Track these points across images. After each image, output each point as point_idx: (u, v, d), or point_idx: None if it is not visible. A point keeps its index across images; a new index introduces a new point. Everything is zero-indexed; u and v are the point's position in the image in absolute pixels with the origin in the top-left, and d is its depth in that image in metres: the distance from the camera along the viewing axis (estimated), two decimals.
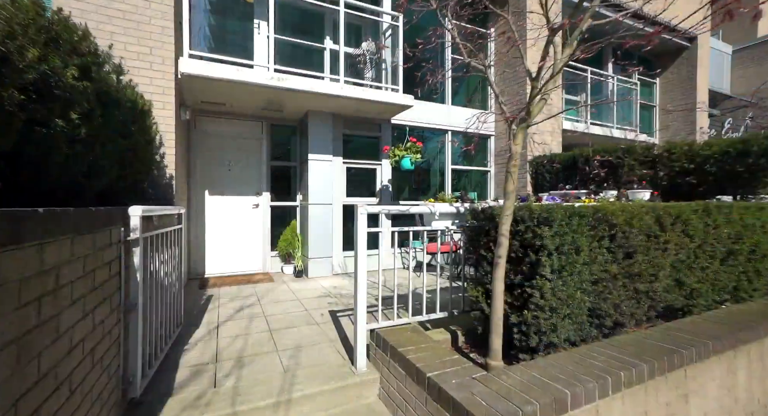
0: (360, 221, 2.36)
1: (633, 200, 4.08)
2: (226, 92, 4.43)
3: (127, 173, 2.41)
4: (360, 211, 2.35)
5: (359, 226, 2.36)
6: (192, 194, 5.15)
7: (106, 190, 2.25)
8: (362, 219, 2.36)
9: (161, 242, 2.37)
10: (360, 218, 2.35)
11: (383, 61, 5.60)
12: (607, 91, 8.33)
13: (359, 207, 2.35)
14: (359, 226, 2.36)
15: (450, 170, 6.66)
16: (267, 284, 4.90)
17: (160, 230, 2.30)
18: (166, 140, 3.66)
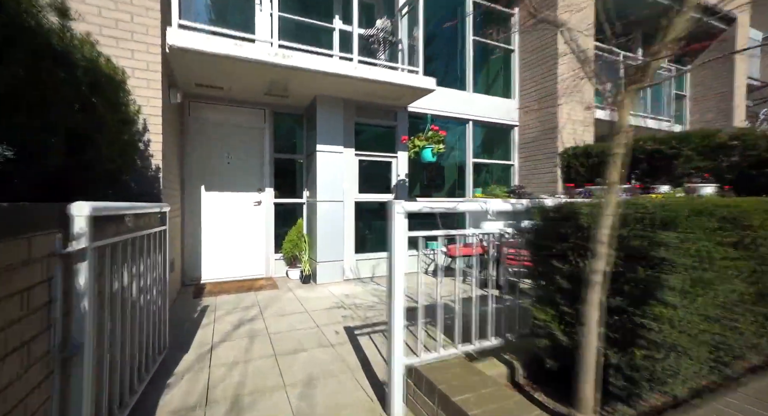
0: (397, 224, 1.77)
1: (700, 195, 3.47)
2: (223, 72, 3.84)
3: (90, 159, 1.83)
4: (396, 209, 1.76)
5: (396, 230, 1.77)
6: (186, 189, 4.58)
7: (59, 180, 1.68)
8: (400, 221, 1.78)
9: (134, 250, 1.80)
10: (397, 219, 1.77)
11: (399, 42, 4.98)
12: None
13: (396, 204, 1.76)
14: (396, 230, 1.77)
15: (471, 164, 6.05)
16: (270, 291, 4.33)
17: (130, 234, 1.73)
18: (152, 125, 3.09)
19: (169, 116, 3.62)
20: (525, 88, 6.26)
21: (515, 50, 6.41)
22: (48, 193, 1.65)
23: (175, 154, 4.14)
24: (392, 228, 1.77)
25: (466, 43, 6.05)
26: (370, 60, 4.36)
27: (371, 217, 5.41)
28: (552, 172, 5.72)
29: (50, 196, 1.63)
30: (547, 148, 5.80)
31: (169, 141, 3.67)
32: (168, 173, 3.52)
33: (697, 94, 8.78)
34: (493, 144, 6.53)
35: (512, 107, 6.36)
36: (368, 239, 5.36)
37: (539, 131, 5.96)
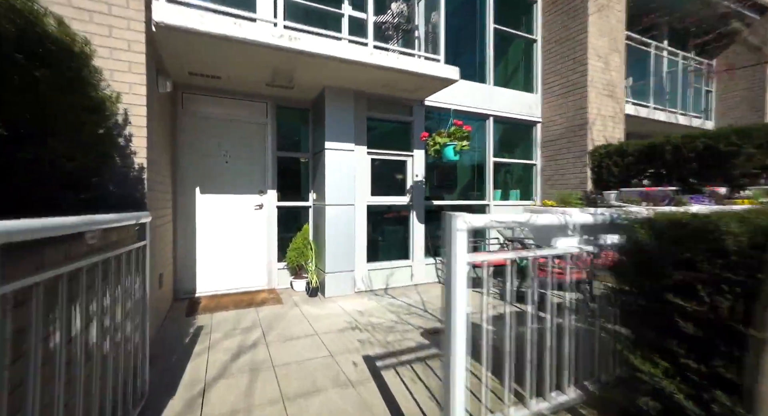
0: (457, 245, 1.27)
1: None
2: (220, 58, 3.34)
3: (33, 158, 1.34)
4: (457, 225, 1.26)
5: (456, 253, 1.27)
6: (179, 191, 4.08)
7: None
8: (461, 241, 1.28)
9: (93, 278, 1.31)
10: (457, 238, 1.27)
11: (416, 28, 4.48)
12: (660, 73, 7.17)
13: (456, 218, 1.26)
14: (456, 253, 1.27)
15: (492, 164, 5.55)
16: (274, 307, 3.84)
17: (85, 260, 1.23)
18: (134, 116, 2.59)
19: (157, 107, 3.13)
20: (548, 81, 5.77)
21: (538, 40, 5.92)
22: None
23: (166, 151, 3.64)
24: (451, 250, 1.27)
25: (485, 32, 5.56)
26: (386, 46, 3.86)
27: (384, 221, 4.92)
28: (582, 172, 5.23)
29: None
30: (575, 146, 5.31)
31: (158, 137, 3.17)
32: (156, 173, 3.02)
33: (720, 90, 8.29)
34: (512, 142, 6.04)
35: (534, 101, 5.87)
36: (381, 246, 4.87)
37: (565, 127, 5.46)
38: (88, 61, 1.69)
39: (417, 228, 4.83)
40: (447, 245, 1.29)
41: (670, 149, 4.19)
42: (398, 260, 4.82)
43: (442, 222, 1.30)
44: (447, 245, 1.29)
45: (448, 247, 1.29)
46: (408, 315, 3.62)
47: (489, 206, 5.53)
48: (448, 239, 1.28)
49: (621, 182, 4.87)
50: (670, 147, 4.19)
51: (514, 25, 5.80)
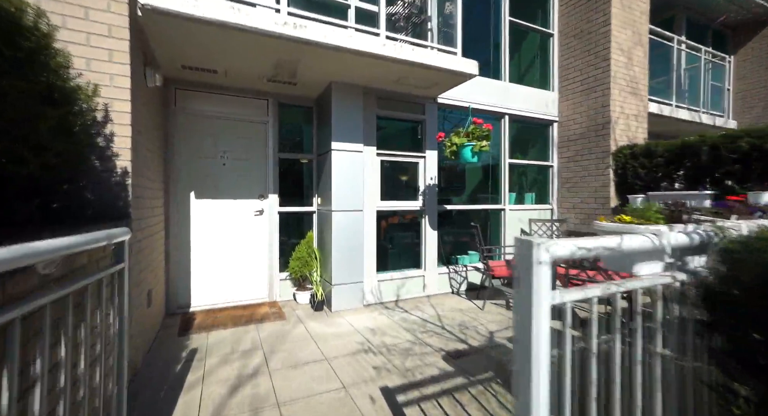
0: (540, 280, 0.92)
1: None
2: (216, 49, 3.00)
3: None
4: (538, 256, 0.91)
5: (539, 290, 0.92)
6: (171, 196, 3.73)
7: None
8: (543, 276, 0.92)
9: (42, 324, 0.96)
10: (539, 273, 0.91)
11: (429, 20, 4.14)
12: (680, 69, 6.84)
13: (537, 248, 0.91)
14: (539, 290, 0.92)
15: (508, 165, 5.22)
16: (276, 324, 3.48)
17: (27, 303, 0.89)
18: (116, 113, 2.24)
19: (145, 103, 2.78)
20: (566, 77, 5.44)
21: (554, 34, 5.59)
22: None
23: (156, 153, 3.30)
24: (529, 289, 0.92)
25: (500, 25, 5.22)
26: (400, 37, 3.52)
27: (394, 228, 4.58)
28: (603, 175, 4.90)
29: None
30: (597, 147, 4.98)
31: (147, 136, 2.83)
32: (143, 177, 2.67)
33: (737, 87, 7.97)
34: (527, 142, 5.71)
35: (551, 99, 5.54)
36: (391, 255, 4.52)
37: (586, 127, 5.13)
38: (47, 41, 1.34)
39: (430, 235, 4.49)
40: (521, 281, 0.95)
41: (706, 150, 3.86)
42: (409, 270, 4.48)
43: (516, 250, 0.96)
44: (521, 282, 0.95)
45: (524, 284, 0.94)
46: (425, 333, 3.28)
47: (504, 211, 5.19)
48: (524, 274, 0.93)
49: (647, 186, 4.54)
50: (706, 147, 3.86)
51: (528, 18, 5.47)
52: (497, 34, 5.23)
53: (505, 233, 5.17)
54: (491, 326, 3.44)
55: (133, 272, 2.41)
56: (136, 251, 2.52)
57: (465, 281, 4.78)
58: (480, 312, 3.85)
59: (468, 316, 3.73)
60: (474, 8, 5.15)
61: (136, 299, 2.53)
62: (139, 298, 2.60)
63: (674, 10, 7.06)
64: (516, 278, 0.97)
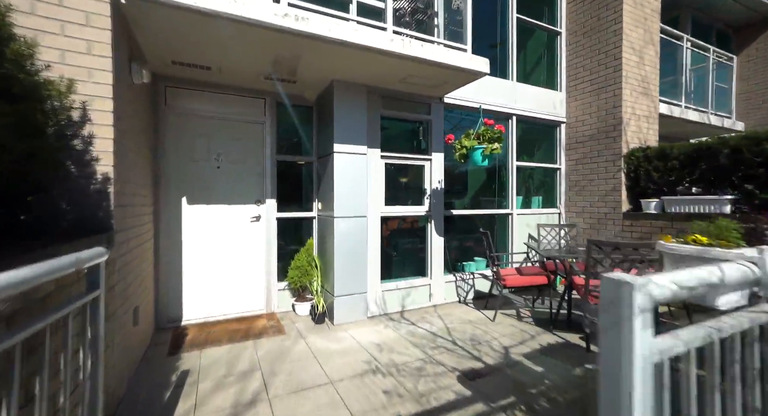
0: (634, 332, 0.69)
1: None
2: (209, 42, 2.75)
3: None
4: (637, 300, 0.68)
5: (632, 349, 0.69)
6: (161, 203, 3.47)
7: None
8: (642, 326, 0.70)
9: None
10: (636, 322, 0.69)
11: (435, 15, 3.92)
12: (685, 69, 6.70)
13: (632, 289, 0.68)
14: (632, 349, 0.69)
15: (515, 168, 5.02)
16: (275, 339, 3.24)
17: None
18: (96, 112, 1.99)
19: (131, 102, 2.52)
20: (575, 77, 5.26)
21: (562, 33, 5.41)
22: None
23: (144, 156, 3.04)
24: (620, 341, 0.70)
25: (508, 22, 5.03)
26: (407, 32, 3.30)
27: (398, 234, 4.36)
28: (614, 178, 4.72)
29: None
30: (607, 149, 4.80)
31: (132, 138, 2.57)
32: (128, 183, 2.41)
33: (741, 89, 7.86)
34: (533, 144, 5.52)
35: (559, 99, 5.36)
36: (395, 262, 4.30)
37: (596, 128, 4.95)
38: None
39: (436, 241, 4.27)
40: (609, 331, 0.72)
41: (727, 152, 3.69)
42: (415, 279, 4.26)
43: (604, 292, 0.74)
44: (609, 333, 0.72)
45: (613, 337, 0.72)
46: (435, 349, 3.05)
47: (512, 215, 4.99)
48: (613, 324, 0.71)
49: (661, 190, 4.37)
50: (727, 150, 3.69)
51: (535, 15, 5.28)
52: (504, 31, 5.03)
53: (512, 238, 4.97)
54: (505, 340, 3.23)
55: (117, 289, 2.16)
56: (121, 265, 2.27)
57: (472, 290, 4.57)
58: (491, 324, 3.64)
59: (479, 329, 3.51)
60: (480, 4, 4.94)
61: (122, 317, 2.28)
62: (125, 317, 2.35)
63: (680, 10, 6.93)
64: (603, 328, 0.74)
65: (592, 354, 2.91)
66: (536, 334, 3.36)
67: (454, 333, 3.41)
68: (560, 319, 3.62)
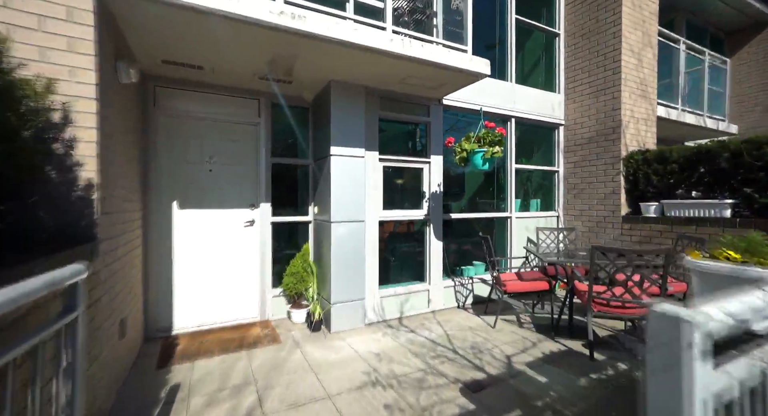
0: (695, 376, 0.61)
1: None
2: (201, 40, 2.63)
3: None
4: (692, 336, 0.60)
5: (696, 400, 0.60)
6: (151, 207, 3.33)
7: None
8: (700, 368, 0.61)
9: None
10: (696, 365, 0.60)
11: (434, 15, 3.84)
12: (679, 72, 6.72)
13: (687, 326, 0.60)
14: (696, 400, 0.60)
15: (514, 171, 4.96)
16: (270, 349, 3.12)
17: None
18: (79, 113, 1.86)
19: (118, 103, 2.39)
20: (574, 79, 5.22)
21: (560, 34, 5.37)
22: None
23: (133, 159, 2.90)
24: (684, 388, 0.61)
25: (506, 23, 4.97)
26: (407, 31, 3.21)
27: (396, 238, 4.27)
28: (614, 181, 4.69)
29: None
30: (606, 152, 4.77)
31: (121, 141, 2.44)
32: (115, 188, 2.28)
33: (734, 92, 7.93)
34: (532, 146, 5.48)
35: (557, 101, 5.32)
36: (393, 267, 4.21)
37: (595, 131, 4.92)
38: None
39: (435, 246, 4.19)
40: (658, 371, 0.64)
41: (727, 156, 3.67)
42: (413, 284, 4.17)
43: (653, 327, 0.65)
44: (659, 373, 0.64)
45: (665, 379, 0.63)
46: (436, 358, 2.97)
47: (510, 219, 4.93)
48: (665, 364, 0.62)
49: (660, 193, 4.35)
50: (727, 153, 3.67)
51: (533, 16, 5.24)
52: (503, 32, 4.98)
53: (511, 242, 4.91)
54: (506, 348, 3.15)
55: (103, 301, 2.03)
56: (108, 275, 2.14)
57: (471, 294, 4.50)
58: (491, 331, 3.56)
59: (480, 336, 3.43)
60: (478, 5, 4.88)
61: (109, 329, 2.15)
62: (110, 330, 2.22)
63: (675, 13, 6.96)
64: (652, 369, 0.66)
65: (595, 362, 2.85)
66: (538, 341, 3.30)
67: (455, 341, 3.33)
68: (562, 325, 3.56)
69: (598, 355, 2.94)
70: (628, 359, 2.90)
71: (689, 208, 3.97)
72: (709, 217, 3.78)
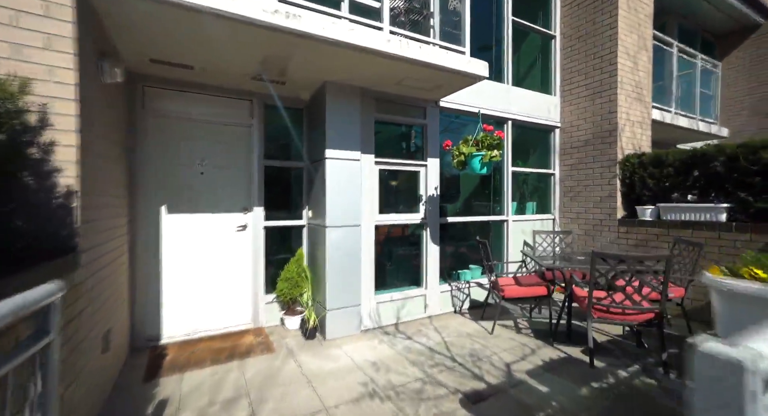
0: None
1: None
2: (190, 39, 2.52)
3: None
4: (756, 386, 0.53)
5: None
6: (138, 212, 3.20)
7: None
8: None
9: None
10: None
11: (431, 16, 3.77)
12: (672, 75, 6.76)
13: (753, 375, 0.53)
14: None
15: (510, 173, 4.92)
16: (263, 359, 3.02)
17: None
18: (57, 116, 1.74)
19: (102, 104, 2.27)
20: (570, 81, 5.21)
21: (556, 36, 5.35)
22: None
23: (120, 162, 2.77)
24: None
25: (503, 24, 4.93)
26: (404, 32, 3.14)
27: (392, 243, 4.19)
28: (610, 184, 4.68)
29: None
30: (603, 155, 4.76)
31: (105, 144, 2.32)
32: (98, 195, 2.17)
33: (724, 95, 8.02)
34: (528, 148, 5.45)
35: (553, 104, 5.30)
36: (389, 272, 4.13)
37: (591, 133, 4.91)
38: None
39: (431, 250, 4.12)
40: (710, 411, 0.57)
41: (723, 160, 3.67)
42: (410, 289, 4.10)
43: (701, 366, 0.59)
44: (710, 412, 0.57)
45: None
46: (434, 367, 2.90)
47: (507, 222, 4.90)
48: (717, 403, 0.56)
49: (656, 196, 4.35)
50: (723, 157, 3.67)
51: (530, 18, 5.21)
52: (499, 33, 4.93)
53: (508, 245, 4.87)
54: (505, 355, 3.10)
55: (85, 314, 1.92)
56: (91, 285, 2.03)
57: (468, 299, 4.45)
58: (489, 337, 3.51)
59: (478, 343, 3.38)
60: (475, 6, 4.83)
61: (92, 342, 2.04)
62: (94, 342, 2.10)
63: (667, 16, 7.00)
64: (701, 408, 0.59)
65: (595, 370, 2.81)
66: (537, 348, 3.25)
67: (453, 348, 3.26)
68: (560, 330, 3.52)
69: (598, 362, 2.91)
70: (626, 365, 2.86)
71: (685, 212, 3.97)
72: (705, 221, 3.78)
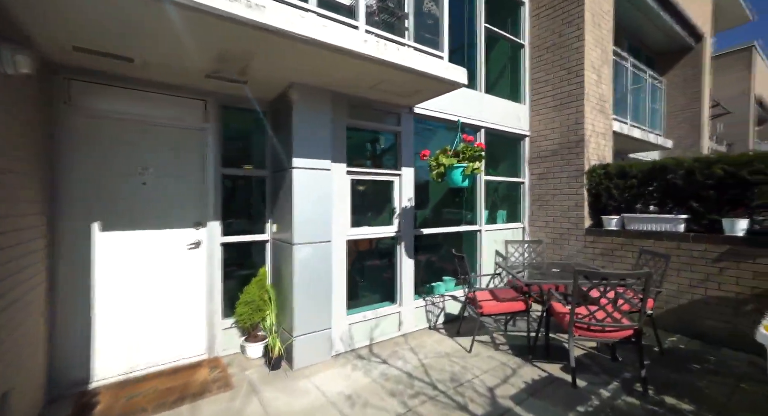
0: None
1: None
2: (124, 26, 2.08)
3: None
4: None
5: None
6: (61, 232, 2.65)
7: None
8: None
9: None
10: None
11: (406, 17, 3.56)
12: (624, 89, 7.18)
13: None
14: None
15: (484, 182, 4.86)
16: (220, 399, 2.61)
17: None
18: None
19: (3, 100, 1.78)
20: (538, 91, 5.27)
21: (525, 46, 5.40)
22: None
23: (33, 172, 2.25)
24: None
25: (476, 31, 4.86)
26: (380, 32, 2.89)
27: (364, 257, 3.94)
28: (577, 194, 4.77)
29: None
30: (570, 165, 4.84)
31: (9, 151, 1.83)
32: (2, 217, 1.68)
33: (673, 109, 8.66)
34: (498, 157, 5.44)
35: (523, 112, 5.33)
36: (361, 288, 3.87)
37: (559, 143, 4.99)
38: None
39: (406, 264, 3.91)
40: None
41: (682, 173, 3.83)
42: (383, 306, 3.86)
43: None
44: None
45: None
46: (415, 397, 2.67)
47: (480, 232, 4.82)
48: None
49: (621, 207, 4.49)
50: (682, 171, 3.84)
51: (500, 25, 5.20)
52: (472, 39, 4.86)
53: (481, 256, 4.80)
54: (487, 378, 2.96)
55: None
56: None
57: (442, 313, 4.29)
58: (468, 357, 3.36)
59: (457, 364, 3.21)
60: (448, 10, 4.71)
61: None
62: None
63: (618, 33, 7.42)
64: None
65: (578, 390, 2.74)
66: (517, 367, 3.15)
67: (432, 372, 3.06)
68: (539, 344, 3.46)
69: (580, 381, 2.85)
70: (606, 383, 2.83)
71: (648, 222, 4.11)
72: (666, 231, 3.93)
